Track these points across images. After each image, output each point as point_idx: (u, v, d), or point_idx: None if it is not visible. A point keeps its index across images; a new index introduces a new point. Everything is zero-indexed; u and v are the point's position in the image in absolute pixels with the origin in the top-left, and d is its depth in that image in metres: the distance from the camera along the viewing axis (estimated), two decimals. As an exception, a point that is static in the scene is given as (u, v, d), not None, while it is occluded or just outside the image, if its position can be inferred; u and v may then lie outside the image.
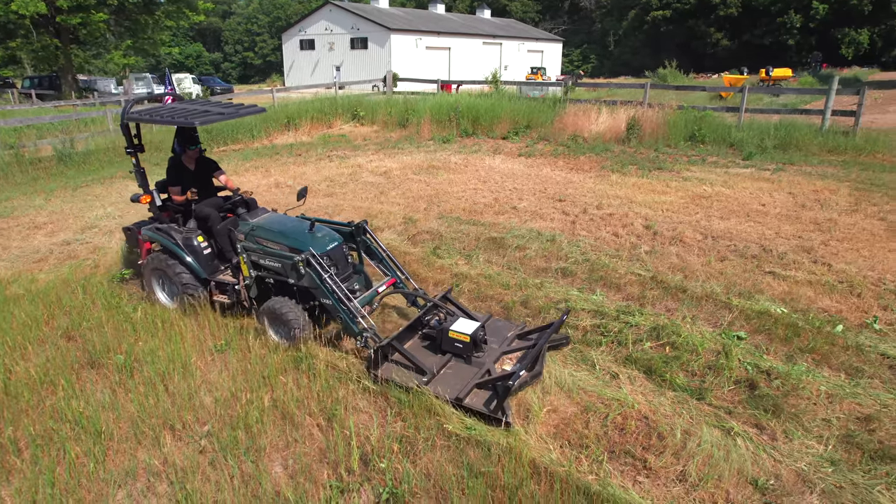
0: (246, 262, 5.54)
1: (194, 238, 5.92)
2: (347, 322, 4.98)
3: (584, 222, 8.47)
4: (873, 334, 5.51)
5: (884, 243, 7.56)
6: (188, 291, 5.89)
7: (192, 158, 6.24)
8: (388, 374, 4.72)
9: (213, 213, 6.06)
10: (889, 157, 12.33)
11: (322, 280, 5.03)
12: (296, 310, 5.23)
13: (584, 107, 16.41)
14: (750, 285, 6.41)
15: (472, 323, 5.00)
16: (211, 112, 5.51)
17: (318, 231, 5.56)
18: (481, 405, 4.36)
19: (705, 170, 11.57)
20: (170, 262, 5.93)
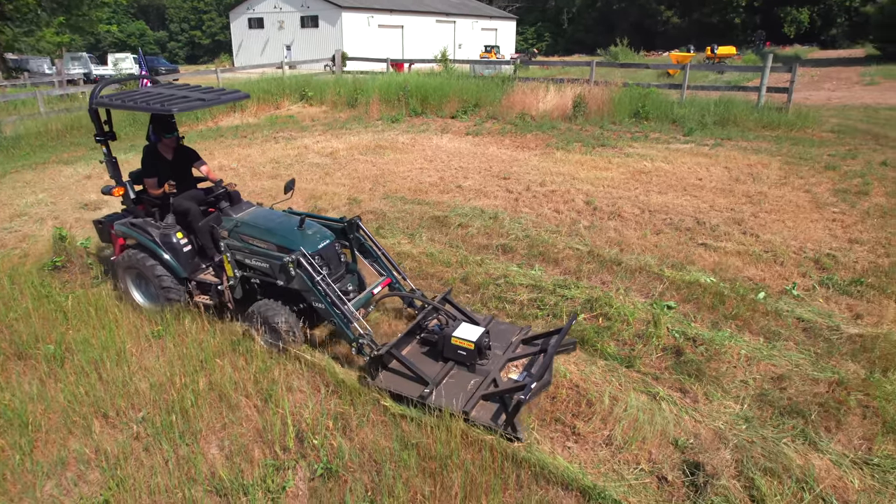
0: (230, 261, 5.14)
1: (173, 234, 5.47)
2: (342, 327, 4.62)
3: (526, 199, 8.60)
4: (791, 300, 5.82)
5: (807, 214, 7.94)
6: (169, 295, 5.47)
7: (170, 147, 5.74)
8: (386, 383, 4.42)
9: (193, 207, 5.60)
10: (818, 131, 12.87)
11: (314, 282, 4.64)
12: (285, 314, 4.86)
13: (532, 85, 16.52)
14: (682, 257, 6.65)
15: (475, 328, 4.65)
16: (190, 98, 5.08)
17: (308, 228, 5.14)
18: (488, 419, 4.06)
19: (647, 146, 11.85)
20: (146, 261, 5.48)
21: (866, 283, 6.08)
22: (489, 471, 3.66)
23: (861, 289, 6.01)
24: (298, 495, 3.73)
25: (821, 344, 5.14)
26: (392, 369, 4.55)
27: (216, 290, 5.41)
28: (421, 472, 3.72)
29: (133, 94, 5.39)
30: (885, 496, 3.56)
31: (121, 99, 5.30)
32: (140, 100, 5.12)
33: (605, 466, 3.84)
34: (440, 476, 3.66)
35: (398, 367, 4.52)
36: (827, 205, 8.36)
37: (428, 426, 3.99)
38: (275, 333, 4.91)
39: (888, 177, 9.57)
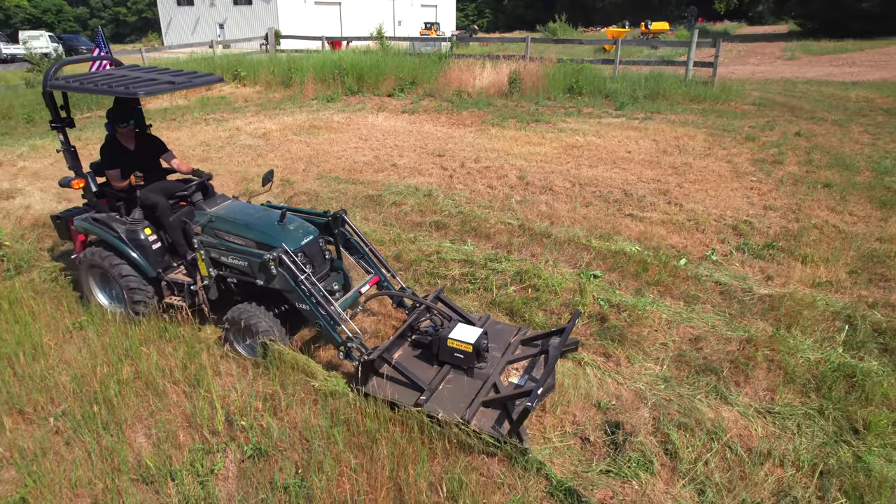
0: (204, 259, 4.73)
1: (140, 230, 5.00)
2: (328, 330, 4.30)
3: (461, 176, 8.66)
4: (711, 265, 6.11)
5: (728, 183, 8.31)
6: (135, 297, 5.05)
7: (129, 136, 5.30)
8: (378, 390, 4.12)
9: (162, 200, 5.14)
10: (741, 104, 13.42)
11: (297, 282, 4.29)
12: (267, 319, 4.47)
13: (468, 62, 16.52)
14: (610, 228, 6.87)
15: (473, 329, 4.34)
16: (159, 80, 4.60)
17: (289, 223, 4.74)
18: (491, 427, 3.81)
19: (580, 120, 12.09)
20: (111, 260, 5.03)
21: (777, 247, 6.45)
22: (417, 441, 3.74)
23: (773, 252, 6.36)
24: (228, 477, 3.72)
25: (735, 305, 5.43)
26: (382, 374, 4.23)
27: (189, 290, 4.97)
28: (350, 446, 3.77)
29: (93, 76, 4.88)
30: (783, 440, 3.84)
31: (79, 81, 4.74)
32: (101, 82, 4.58)
33: (531, 430, 3.98)
34: (369, 450, 3.72)
35: (390, 372, 4.21)
36: (746, 174, 8.77)
37: (357, 402, 4.03)
38: (255, 338, 4.54)
39: (801, 146, 10.10)
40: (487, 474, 3.65)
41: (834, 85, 16.95)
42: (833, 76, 19.27)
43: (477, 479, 3.58)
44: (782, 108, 13.31)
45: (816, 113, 12.72)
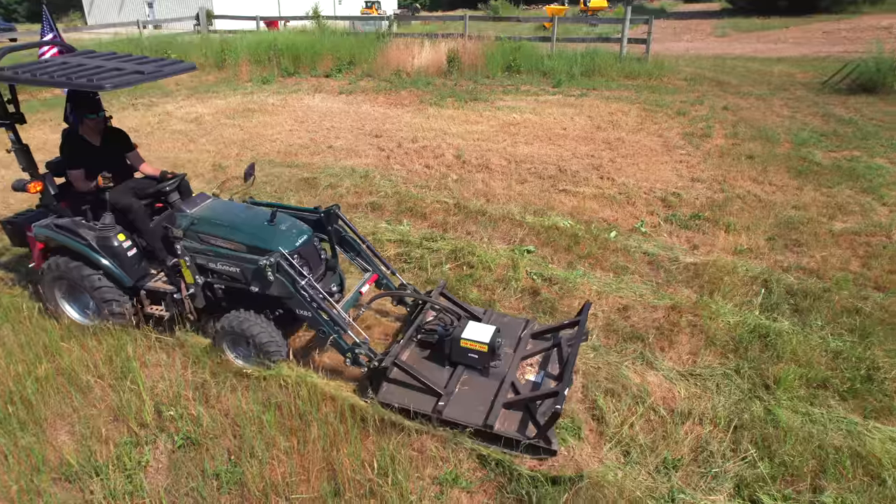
0: (189, 266, 4.29)
1: (113, 237, 4.51)
2: (333, 337, 4.03)
3: (398, 156, 8.62)
4: (640, 236, 6.31)
5: (658, 157, 8.56)
6: (112, 309, 4.58)
7: (96, 131, 4.74)
8: (392, 397, 3.89)
9: (135, 203, 4.66)
10: (673, 80, 13.79)
11: (298, 288, 3.97)
12: (267, 328, 4.14)
13: (407, 41, 16.35)
14: (544, 203, 6.99)
15: (486, 327, 4.12)
16: (125, 70, 4.12)
17: (280, 222, 4.38)
18: (515, 430, 3.66)
19: (518, 98, 12.18)
20: (81, 270, 4.54)
21: (703, 217, 6.71)
22: (349, 421, 3.75)
23: (699, 222, 6.62)
24: (159, 468, 3.65)
25: (662, 274, 5.64)
26: (395, 380, 3.99)
27: (172, 299, 4.55)
28: (282, 430, 3.75)
29: (46, 66, 4.28)
30: (703, 400, 4.04)
31: (31, 72, 4.16)
32: (58, 73, 4.07)
33: (464, 405, 4.05)
34: (301, 432, 3.71)
35: (402, 376, 3.97)
36: (676, 148, 9.05)
37: (289, 386, 4.00)
38: (255, 351, 4.21)
39: (728, 120, 10.48)
40: (420, 449, 3.70)
41: (760, 61, 17.60)
42: (759, 52, 20.00)
43: (409, 455, 3.63)
44: (712, 84, 13.74)
45: (743, 88, 13.20)
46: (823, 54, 17.97)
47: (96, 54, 4.71)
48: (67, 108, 4.87)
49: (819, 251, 6.04)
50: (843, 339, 4.74)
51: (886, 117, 10.51)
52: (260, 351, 4.16)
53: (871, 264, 5.81)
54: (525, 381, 4.12)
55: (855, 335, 4.77)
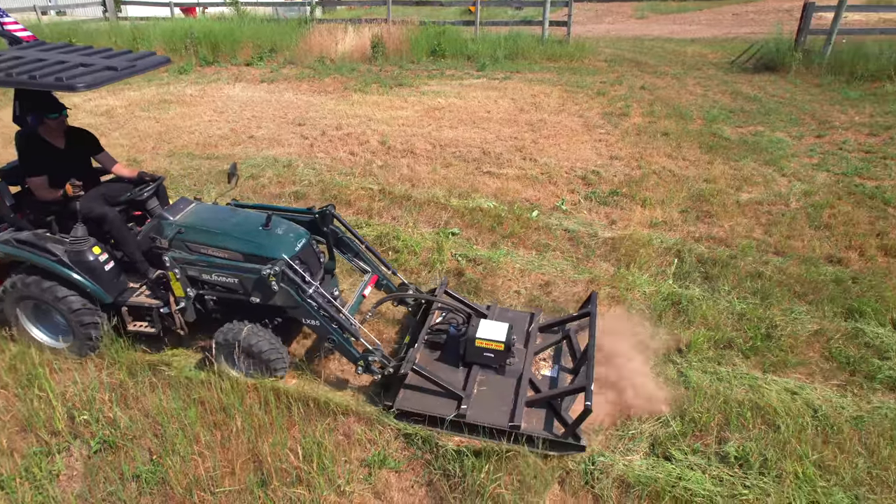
0: (179, 278, 3.95)
1: (88, 250, 4.06)
2: (343, 345, 3.87)
3: (322, 144, 8.50)
4: (561, 214, 6.50)
5: (579, 137, 8.80)
6: (90, 332, 4.19)
7: (59, 132, 4.25)
8: (411, 404, 3.76)
9: (111, 212, 4.23)
10: (594, 61, 14.14)
11: (304, 297, 3.78)
12: (271, 339, 3.94)
13: (329, 27, 16.03)
14: (468, 186, 7.07)
15: (500, 325, 4.03)
16: (95, 67, 3.74)
17: (276, 226, 4.13)
18: (541, 428, 3.61)
19: (443, 83, 12.20)
20: (52, 290, 4.08)
21: (621, 193, 6.97)
22: (273, 410, 3.73)
23: (617, 198, 6.87)
24: (73, 476, 3.52)
25: (582, 250, 5.84)
26: (411, 386, 3.86)
27: (158, 314, 4.19)
28: (205, 425, 3.69)
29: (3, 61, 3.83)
30: (617, 367, 4.23)
31: None
32: (18, 70, 3.62)
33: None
34: (225, 425, 3.66)
35: (419, 381, 3.82)
36: (596, 127, 9.32)
37: (210, 381, 3.93)
38: (255, 361, 3.98)
39: (645, 99, 10.88)
40: (347, 433, 3.72)
41: (675, 42, 18.27)
42: (675, 34, 20.75)
43: (336, 440, 3.65)
44: (630, 64, 14.17)
45: (659, 68, 13.69)
46: (732, 35, 18.83)
47: (48, 45, 4.25)
48: (16, 108, 4.32)
49: (727, 221, 6.40)
50: (746, 301, 5.06)
51: (786, 94, 11.18)
52: (264, 364, 3.95)
53: (771, 231, 6.21)
54: (541, 376, 4.10)
55: (757, 297, 5.10)
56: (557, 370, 4.14)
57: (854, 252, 5.81)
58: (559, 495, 3.40)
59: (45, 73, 3.60)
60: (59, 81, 3.51)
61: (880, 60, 11.56)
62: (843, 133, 8.99)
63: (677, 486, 3.32)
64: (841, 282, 5.32)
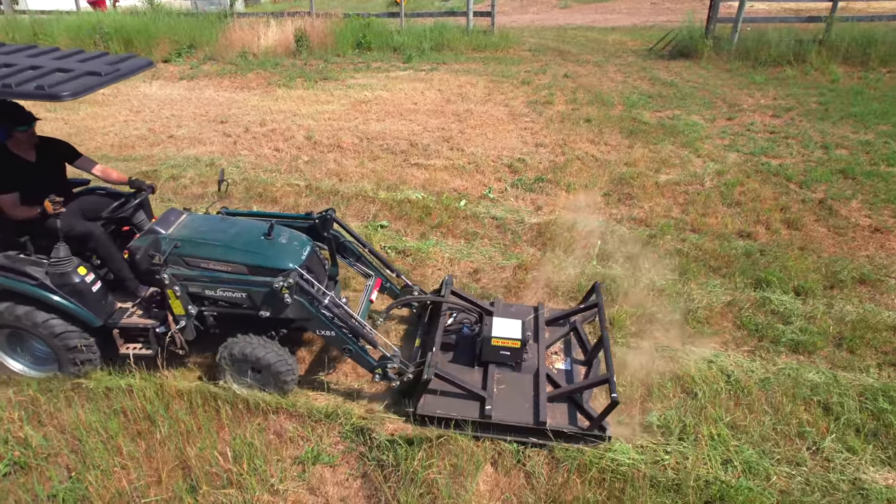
0: (179, 296, 3.71)
1: (73, 272, 3.73)
2: (360, 354, 3.75)
3: (245, 141, 8.29)
4: (488, 202, 6.60)
5: (505, 126, 8.94)
6: (78, 357, 3.89)
7: (29, 144, 3.89)
8: (434, 408, 3.70)
9: (96, 229, 3.95)
10: (518, 51, 14.37)
11: (318, 308, 3.65)
12: (278, 351, 3.77)
13: (250, 21, 15.57)
14: (396, 178, 7.07)
15: (513, 323, 4.01)
16: (75, 72, 3.42)
17: (278, 235, 3.95)
18: (567, 423, 3.64)
19: (369, 75, 12.11)
20: (32, 316, 3.75)
21: (546, 180, 7.13)
22: (201, 414, 3.65)
23: (542, 184, 7.03)
24: (-18, 502, 3.33)
25: (509, 236, 5.96)
26: (431, 390, 3.73)
27: (155, 334, 3.92)
28: (128, 435, 3.56)
29: None
30: (544, 348, 4.36)
31: None
32: None
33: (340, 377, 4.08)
34: (149, 434, 3.55)
35: (439, 385, 3.72)
36: (521, 116, 9.49)
37: (132, 389, 3.80)
38: (263, 375, 3.83)
39: (568, 87, 11.15)
40: (279, 432, 3.68)
41: (597, 30, 18.79)
42: (597, 22, 21.32)
43: (268, 440, 3.61)
44: (554, 53, 14.48)
45: (582, 56, 14.06)
46: (650, 24, 19.53)
47: (9, 47, 3.86)
48: None
49: (647, 202, 6.67)
50: (666, 278, 5.31)
51: (700, 79, 11.71)
52: (273, 377, 3.80)
53: (688, 210, 6.52)
54: (556, 370, 4.12)
55: (676, 273, 5.36)
56: (570, 363, 4.19)
57: (761, 226, 6.18)
58: (492, 475, 3.48)
59: (21, 80, 3.26)
60: (41, 90, 3.17)
61: (780, 47, 12.28)
62: (750, 115, 9.52)
63: (604, 457, 3.47)
64: (750, 254, 5.65)
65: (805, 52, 12.13)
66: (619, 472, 3.39)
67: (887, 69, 11.53)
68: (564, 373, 4.11)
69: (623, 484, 3.33)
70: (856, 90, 10.53)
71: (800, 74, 11.70)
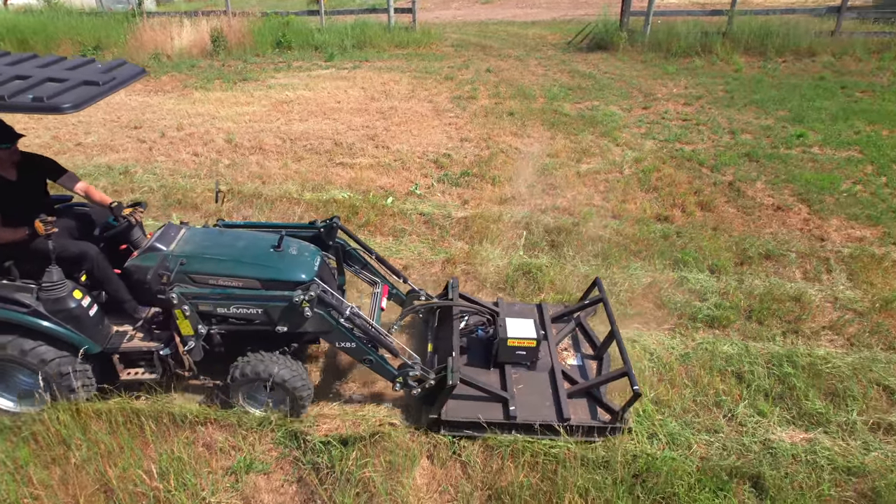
0: (188, 315, 3.49)
1: (68, 296, 3.48)
2: (381, 364, 3.67)
3: (162, 147, 7.96)
4: (416, 199, 6.62)
5: (429, 122, 8.98)
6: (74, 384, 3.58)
7: (10, 163, 3.60)
8: (455, 413, 3.65)
9: (91, 249, 3.68)
10: (441, 47, 14.44)
11: (341, 321, 3.54)
12: (297, 368, 3.65)
13: (161, 20, 14.93)
14: (322, 178, 6.98)
15: (526, 322, 4.05)
16: (70, 81, 3.17)
17: (288, 246, 3.82)
18: (589, 417, 3.69)
19: (290, 75, 11.87)
20: (22, 344, 3.46)
21: (472, 174, 7.22)
22: (123, 433, 3.49)
23: (468, 179, 7.11)
24: None
25: (437, 231, 6.00)
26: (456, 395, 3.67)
27: (159, 357, 3.67)
28: (40, 463, 3.37)
29: None
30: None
31: None
32: None
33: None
34: (66, 459, 3.37)
35: (461, 388, 3.62)
36: (445, 111, 9.55)
37: (43, 412, 3.59)
38: (279, 393, 3.68)
39: (491, 81, 11.31)
40: (208, 444, 3.58)
41: (517, 25, 19.10)
42: (518, 17, 21.70)
43: (196, 452, 3.50)
44: (476, 49, 14.62)
45: (503, 51, 14.26)
46: (569, 17, 20.04)
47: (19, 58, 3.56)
48: None
49: (569, 191, 6.87)
50: (589, 263, 5.49)
51: (617, 71, 12.14)
52: (289, 394, 3.66)
53: (608, 197, 6.76)
54: (569, 366, 4.14)
55: (599, 259, 5.55)
56: (581, 358, 4.24)
57: (677, 209, 6.49)
58: (429, 469, 3.51)
59: (14, 91, 3.01)
60: (40, 102, 2.92)
61: (689, 39, 12.90)
62: (664, 104, 9.95)
63: (536, 442, 3.56)
64: (668, 237, 5.93)
65: (711, 44, 12.78)
66: (552, 455, 3.49)
67: (782, 59, 12.32)
68: (577, 368, 4.17)
69: (555, 465, 3.43)
70: (757, 79, 11.20)
71: (707, 64, 12.32)
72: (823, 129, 8.53)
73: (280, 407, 3.74)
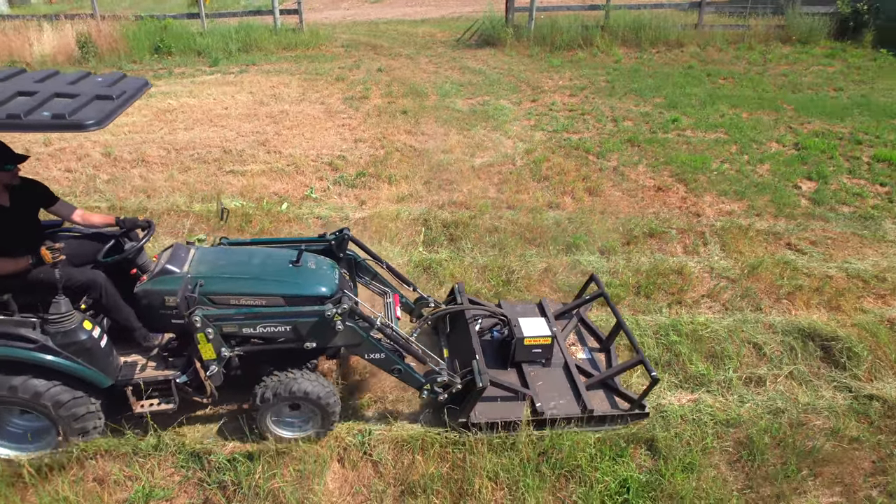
0: (212, 339, 3.28)
1: (79, 328, 3.21)
2: (409, 374, 3.66)
3: (28, 164, 7.30)
4: (311, 202, 6.52)
5: (322, 124, 8.85)
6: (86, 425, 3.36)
7: (3, 187, 3.34)
8: (482, 416, 3.66)
9: (99, 276, 3.42)
10: (331, 48, 14.25)
11: (370, 333, 3.48)
12: (328, 385, 3.57)
13: (18, 24, 13.71)
14: (212, 188, 6.71)
15: (538, 321, 4.14)
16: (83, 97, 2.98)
17: (305, 261, 3.71)
18: (609, 407, 3.84)
19: (172, 82, 11.29)
20: (27, 385, 3.16)
21: (368, 174, 7.20)
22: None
23: (364, 179, 7.09)
24: None
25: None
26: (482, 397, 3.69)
27: (176, 386, 3.46)
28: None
29: None
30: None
31: None
32: None
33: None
34: None
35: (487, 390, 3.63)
36: (338, 112, 9.45)
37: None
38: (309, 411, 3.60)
39: (383, 81, 11.30)
40: (101, 477, 3.37)
41: (407, 23, 19.20)
42: (407, 15, 21.79)
43: (87, 489, 3.28)
44: (367, 48, 14.56)
45: (394, 49, 14.29)
46: (457, 15, 20.38)
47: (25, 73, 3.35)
48: None
49: (465, 185, 7.01)
50: (487, 254, 5.64)
51: (505, 66, 12.50)
52: (323, 412, 3.56)
53: (503, 189, 6.96)
54: (581, 360, 4.26)
55: (496, 249, 5.71)
56: (589, 351, 4.39)
57: (568, 196, 6.80)
58: (339, 472, 3.50)
59: (30, 108, 2.80)
60: (61, 119, 2.76)
61: (571, 32, 13.50)
62: (551, 96, 10.36)
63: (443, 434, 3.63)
64: (560, 223, 6.19)
65: (591, 37, 13.45)
66: (459, 443, 3.57)
67: (656, 49, 13.18)
68: (588, 361, 4.30)
69: (464, 453, 3.51)
70: (634, 69, 11.91)
71: (589, 56, 12.95)
72: (694, 114, 9.23)
73: (310, 425, 3.66)
